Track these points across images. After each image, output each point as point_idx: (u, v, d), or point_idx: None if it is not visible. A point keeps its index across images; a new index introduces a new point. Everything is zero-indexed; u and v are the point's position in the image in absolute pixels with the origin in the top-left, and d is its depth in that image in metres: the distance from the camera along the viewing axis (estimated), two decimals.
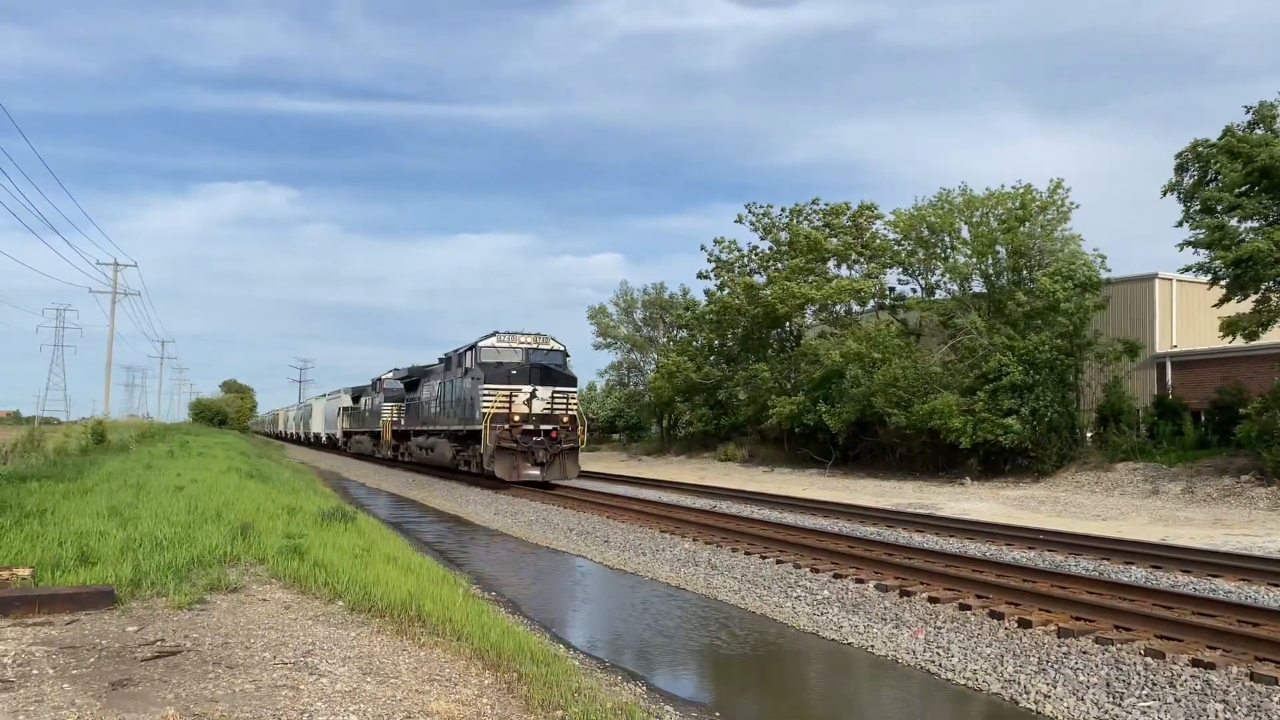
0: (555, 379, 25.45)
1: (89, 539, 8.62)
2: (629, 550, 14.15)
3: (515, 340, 26.44)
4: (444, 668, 5.81)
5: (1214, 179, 23.80)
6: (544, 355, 26.44)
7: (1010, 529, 16.09)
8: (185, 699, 4.72)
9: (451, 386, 29.18)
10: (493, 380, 24.91)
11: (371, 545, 11.16)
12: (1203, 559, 12.69)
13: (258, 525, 10.51)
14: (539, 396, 24.80)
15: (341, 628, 6.63)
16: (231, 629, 6.29)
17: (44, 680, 4.95)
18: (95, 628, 6.16)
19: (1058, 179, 31.07)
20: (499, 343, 26.33)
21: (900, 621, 9.02)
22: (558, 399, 25.15)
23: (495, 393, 24.61)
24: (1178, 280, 31.68)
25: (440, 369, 31.65)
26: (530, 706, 5.28)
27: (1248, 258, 21.97)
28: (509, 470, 24.19)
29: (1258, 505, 20.80)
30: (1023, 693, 6.86)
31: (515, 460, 24.30)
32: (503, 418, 24.31)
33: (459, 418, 27.73)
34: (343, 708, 4.77)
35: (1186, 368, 31.28)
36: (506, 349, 26.22)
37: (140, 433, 39.68)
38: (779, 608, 9.90)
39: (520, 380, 24.98)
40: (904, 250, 35.44)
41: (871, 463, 33.57)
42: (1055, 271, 28.57)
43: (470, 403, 26.18)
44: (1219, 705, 6.32)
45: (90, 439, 28.96)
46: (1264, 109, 23.57)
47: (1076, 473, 26.73)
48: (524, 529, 17.64)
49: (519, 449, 24.27)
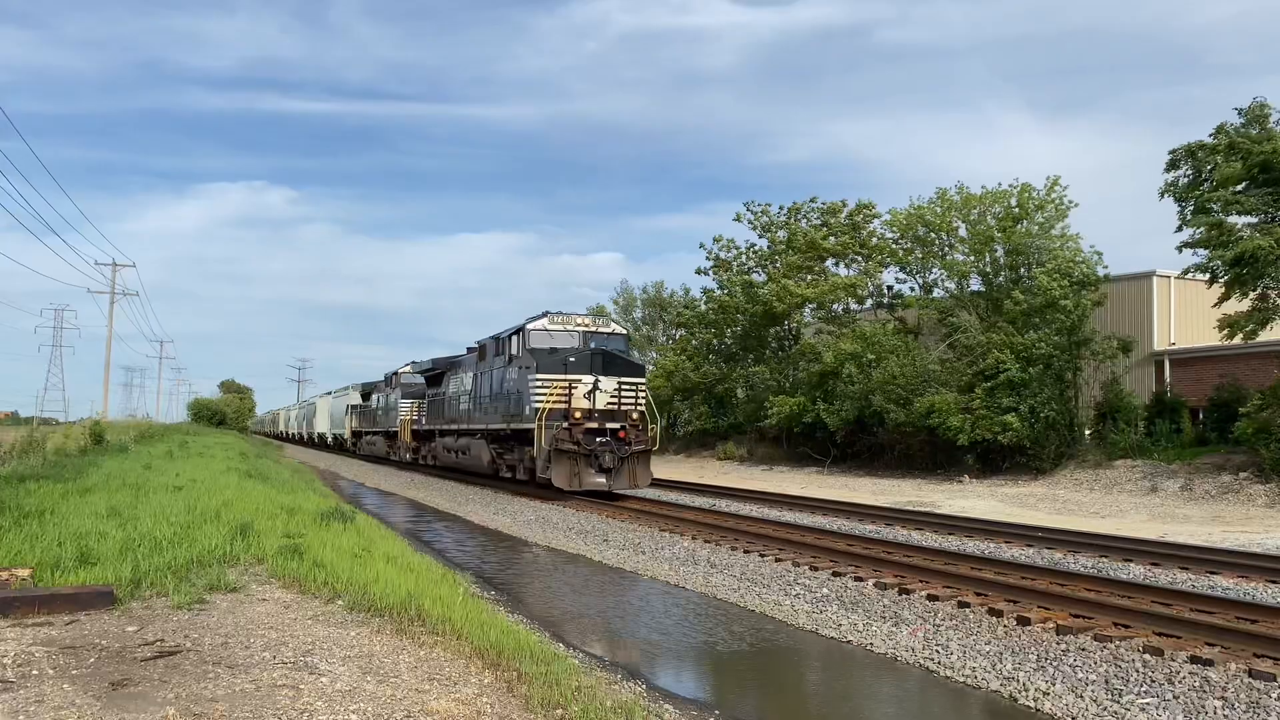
0: (621, 367, 21.43)
1: (88, 539, 8.62)
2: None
3: (570, 322, 22.48)
4: (444, 667, 5.82)
5: (1208, 179, 23.80)
6: (605, 339, 22.49)
7: (1008, 526, 16.10)
8: (185, 699, 4.73)
9: (490, 378, 25.10)
10: (547, 369, 20.89)
11: (371, 545, 11.17)
12: (1201, 556, 12.71)
13: (257, 525, 10.51)
14: (602, 388, 20.78)
15: (341, 627, 6.64)
16: (231, 629, 6.29)
17: (44, 680, 4.96)
18: (95, 628, 6.16)
19: (1054, 177, 31.08)
20: (551, 325, 22.28)
21: (899, 619, 9.03)
22: (625, 391, 21.10)
23: (550, 384, 20.64)
24: (1175, 278, 31.72)
25: (472, 359, 27.61)
26: (530, 705, 5.29)
27: (1248, 254, 21.97)
28: (569, 477, 20.12)
29: (1256, 502, 20.82)
30: (1021, 690, 6.87)
31: (576, 465, 20.20)
32: (560, 414, 20.42)
33: (502, 414, 23.52)
34: (343, 707, 4.78)
35: (1185, 365, 31.31)
36: (560, 332, 22.23)
37: (139, 433, 39.66)
38: (778, 606, 9.91)
39: (579, 369, 20.87)
40: (901, 249, 35.47)
41: (870, 461, 33.59)
42: (1053, 269, 28.59)
43: (517, 396, 22.28)
44: (1217, 702, 6.34)
45: (89, 439, 28.93)
46: (1255, 109, 23.57)
47: (1075, 470, 26.75)
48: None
49: (580, 451, 20.15)
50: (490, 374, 25.07)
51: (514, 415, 22.47)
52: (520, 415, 21.95)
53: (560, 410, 20.45)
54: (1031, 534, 15.08)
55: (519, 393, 22.11)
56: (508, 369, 23.35)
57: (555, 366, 20.96)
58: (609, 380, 20.92)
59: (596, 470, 20.21)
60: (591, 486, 20.31)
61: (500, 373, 24.03)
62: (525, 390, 21.53)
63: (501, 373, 23.93)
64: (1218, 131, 23.99)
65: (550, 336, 22.12)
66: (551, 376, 20.77)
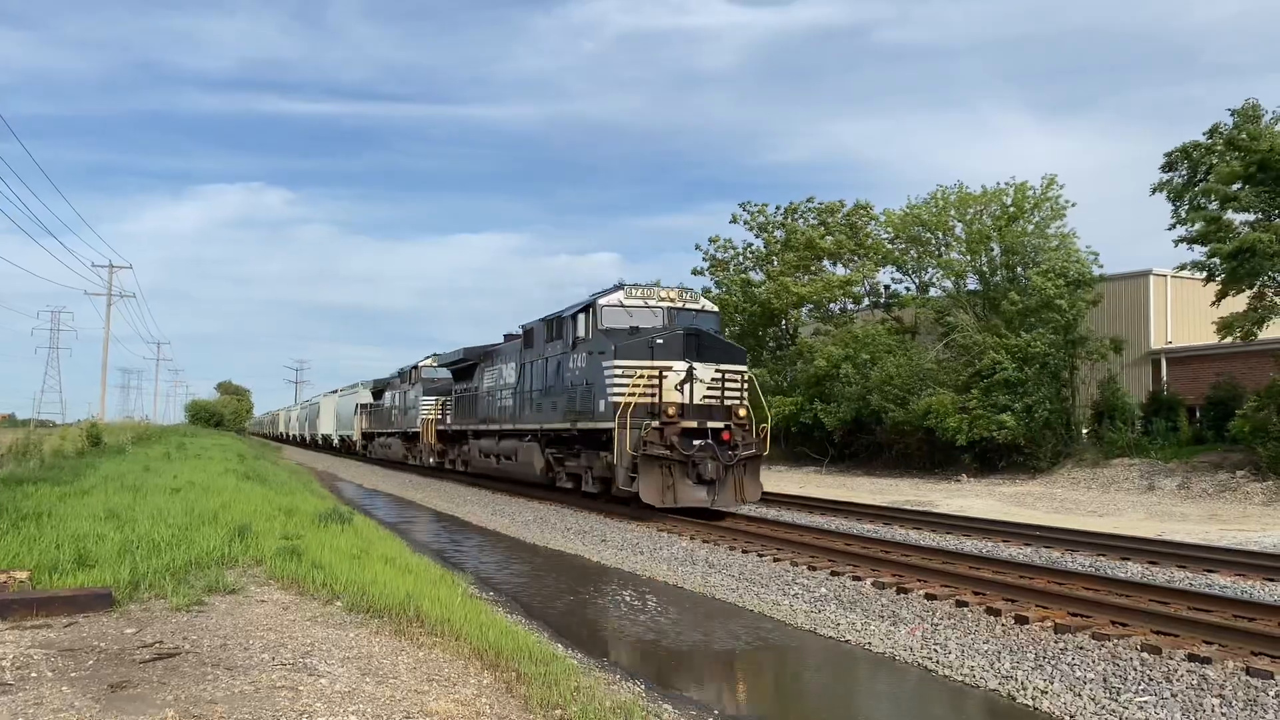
0: (720, 352, 17.35)
1: (86, 541, 8.61)
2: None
3: (651, 296, 18.38)
4: (443, 667, 5.82)
5: (1204, 178, 23.86)
6: (692, 318, 18.29)
7: (1006, 525, 16.12)
8: (184, 701, 4.73)
9: (542, 368, 20.99)
10: (628, 355, 16.86)
11: (369, 546, 11.18)
12: (1198, 554, 12.73)
13: (255, 527, 10.51)
14: (699, 378, 16.72)
15: (340, 628, 6.64)
16: (230, 630, 6.29)
17: (43, 683, 4.95)
18: (93, 630, 6.16)
19: (1051, 176, 31.10)
20: (628, 300, 18.16)
21: (897, 618, 9.04)
22: (729, 383, 17.10)
23: (633, 373, 16.55)
24: (1172, 277, 31.78)
25: (514, 347, 23.57)
26: (529, 706, 5.29)
27: (1246, 248, 22.00)
28: (660, 491, 16.03)
29: (1253, 500, 20.87)
30: (1020, 689, 6.88)
31: (669, 476, 16.15)
32: (647, 410, 16.41)
33: (562, 411, 19.28)
34: (342, 708, 4.78)
35: (1182, 364, 31.35)
36: (640, 309, 18.10)
37: (136, 435, 39.65)
38: (776, 605, 9.92)
39: (669, 354, 16.77)
40: (897, 249, 35.51)
41: (868, 460, 33.62)
42: (1048, 269, 28.63)
43: (585, 390, 18.19)
44: (1215, 700, 6.35)
45: (86, 441, 28.91)
46: (1248, 110, 23.61)
47: (1072, 469, 26.79)
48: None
49: (675, 458, 16.11)
50: (543, 363, 20.93)
51: (581, 412, 18.34)
52: (590, 412, 17.89)
53: (646, 406, 16.46)
54: (1029, 533, 15.10)
55: (588, 385, 18.06)
56: (570, 355, 19.17)
57: (639, 351, 16.88)
58: (705, 368, 16.84)
59: (695, 481, 16.19)
60: (690, 503, 16.25)
61: (558, 361, 19.89)
62: (599, 381, 17.43)
63: (560, 361, 19.77)
64: (1211, 132, 24.05)
65: (628, 314, 18.02)
66: (634, 364, 16.69)
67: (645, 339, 17.13)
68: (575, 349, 18.99)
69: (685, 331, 17.15)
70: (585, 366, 18.37)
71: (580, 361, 18.65)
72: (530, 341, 22.09)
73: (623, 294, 18.25)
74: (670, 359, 16.73)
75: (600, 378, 17.44)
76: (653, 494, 16.08)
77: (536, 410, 21.17)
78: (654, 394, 16.54)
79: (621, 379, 16.73)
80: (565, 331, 19.67)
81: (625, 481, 16.58)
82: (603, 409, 17.23)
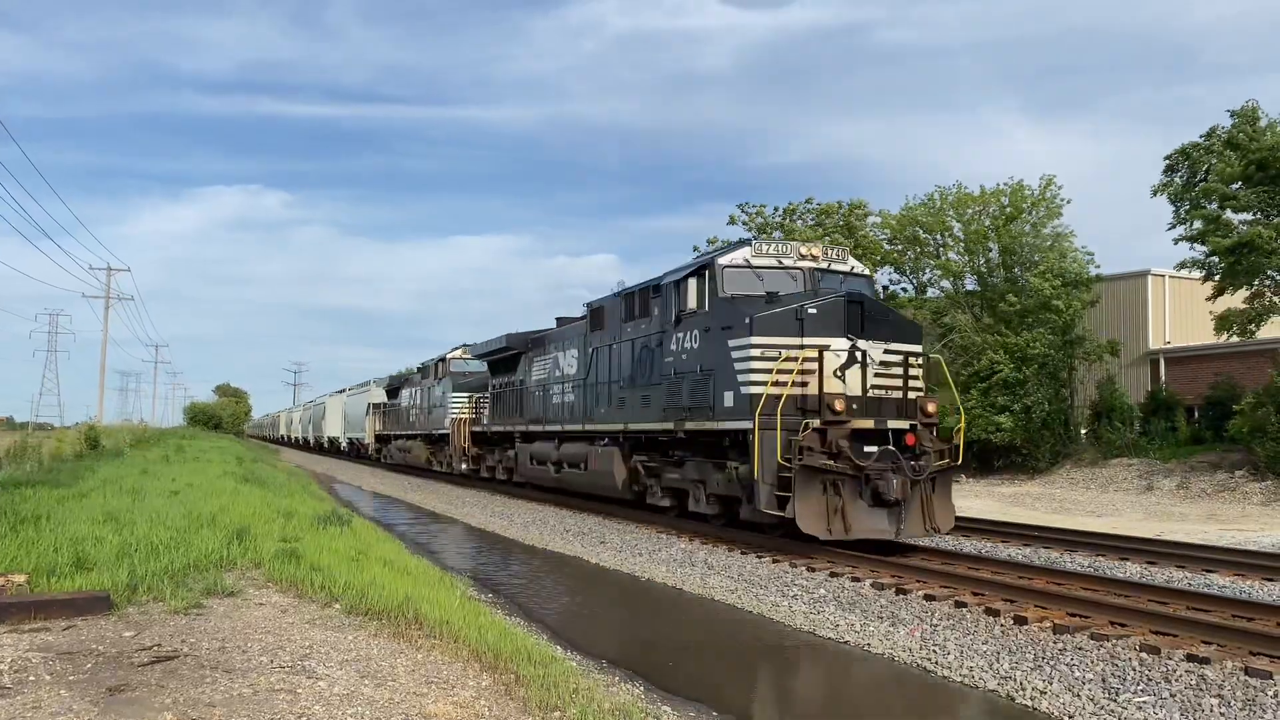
0: (890, 327, 13.15)
1: (84, 544, 8.61)
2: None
3: (788, 253, 14.07)
4: (442, 670, 5.82)
5: (1203, 179, 23.93)
6: (840, 283, 14.01)
7: (1005, 526, 16.13)
8: (183, 704, 4.72)
9: (624, 353, 16.84)
10: (768, 329, 12.69)
11: (367, 548, 11.18)
12: (1197, 554, 12.74)
13: (253, 529, 10.51)
14: (871, 357, 12.62)
15: (338, 631, 6.64)
16: (228, 633, 6.29)
17: (41, 686, 4.95)
18: (92, 633, 6.15)
19: (1049, 176, 31.15)
20: (757, 258, 13.93)
21: (896, 619, 9.04)
22: (911, 366, 13.02)
23: (777, 354, 12.44)
24: (1170, 276, 31.83)
25: (577, 331, 19.62)
26: (528, 708, 5.29)
27: (1245, 244, 22.06)
28: (824, 516, 11.76)
29: (1251, 500, 20.89)
30: (1019, 689, 6.88)
31: (837, 496, 11.86)
32: (796, 405, 12.27)
33: (663, 407, 15.03)
34: (341, 711, 4.77)
35: (1180, 363, 31.38)
36: (773, 272, 13.80)
37: (135, 438, 39.63)
38: (775, 607, 9.92)
39: (824, 328, 12.56)
40: (895, 250, 35.53)
41: None
42: (1045, 269, 28.67)
43: (701, 379, 13.92)
44: (1214, 700, 6.35)
45: (84, 444, 28.90)
46: (1248, 112, 23.67)
47: (1071, 469, 26.82)
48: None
49: (846, 472, 11.88)
50: (622, 348, 16.94)
51: (692, 409, 14.17)
52: (707, 408, 13.74)
53: (796, 400, 12.26)
54: (1028, 533, 15.11)
55: (704, 372, 13.88)
56: (672, 335, 15.00)
57: (784, 325, 12.64)
58: (874, 347, 12.66)
59: (871, 502, 11.87)
60: (867, 533, 11.91)
61: (648, 343, 15.86)
62: (724, 367, 13.33)
63: (651, 343, 15.76)
64: (1210, 134, 24.12)
65: (756, 279, 13.74)
66: (778, 342, 12.54)
67: (790, 308, 12.76)
68: (680, 325, 14.76)
69: (848, 297, 12.92)
70: (699, 348, 14.18)
71: (691, 341, 14.45)
72: (599, 322, 18.13)
73: (749, 251, 14.09)
74: (827, 335, 12.49)
75: (725, 362, 13.28)
76: (814, 521, 11.67)
77: (617, 407, 16.98)
78: (807, 383, 12.32)
79: (760, 363, 12.57)
80: (664, 304, 15.41)
81: (770, 502, 12.15)
82: (729, 404, 13.16)
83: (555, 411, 20.41)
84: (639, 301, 16.54)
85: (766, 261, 13.96)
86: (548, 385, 21.01)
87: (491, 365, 25.94)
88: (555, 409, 20.41)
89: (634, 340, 16.55)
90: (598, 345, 18.14)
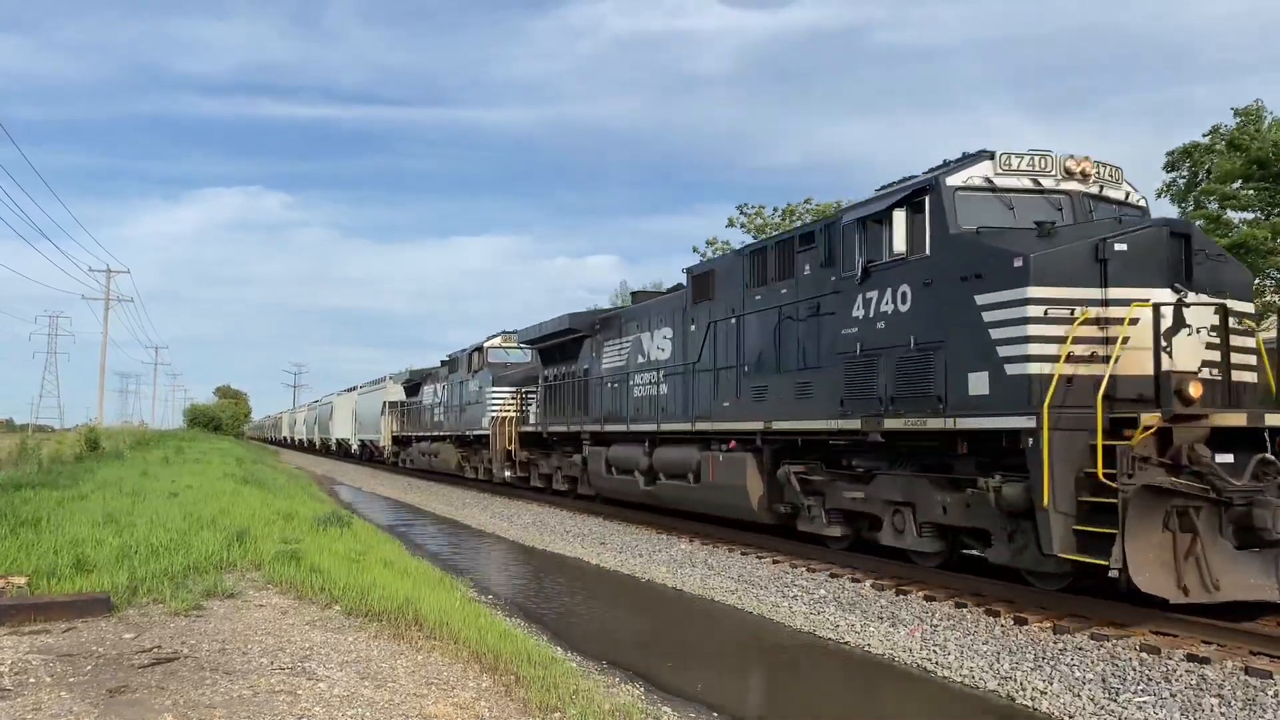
0: (1218, 273, 9.06)
1: (85, 546, 8.62)
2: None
3: (1045, 171, 9.88)
4: (441, 671, 5.82)
5: (1204, 178, 23.95)
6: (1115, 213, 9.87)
7: None
8: (183, 705, 4.73)
9: (752, 328, 13.07)
10: (1052, 276, 8.55)
11: (367, 549, 11.18)
12: None
13: (254, 531, 10.52)
14: (1206, 320, 8.49)
15: (338, 632, 6.64)
16: (228, 635, 6.29)
17: (41, 688, 4.95)
18: (92, 635, 6.16)
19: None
20: (1000, 176, 9.80)
21: (896, 620, 9.04)
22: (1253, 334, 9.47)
23: (1068, 312, 8.42)
24: None
25: (667, 306, 16.28)
26: (528, 709, 5.29)
27: (1240, 244, 22.07)
28: (1166, 567, 7.64)
29: None
30: (1019, 689, 6.88)
31: (1190, 537, 7.63)
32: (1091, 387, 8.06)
33: (838, 399, 11.00)
34: (341, 712, 4.78)
35: None
36: (1025, 197, 9.78)
37: (135, 439, 39.64)
38: (775, 608, 9.91)
39: (1140, 274, 8.48)
40: None
41: None
42: None
43: (918, 358, 9.81)
44: (1214, 700, 6.35)
45: (84, 446, 28.91)
46: (1253, 111, 23.68)
47: None
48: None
49: (1204, 494, 7.64)
50: (756, 319, 13.00)
51: (896, 399, 10.11)
52: (924, 397, 9.68)
53: (1093, 382, 8.11)
54: None
55: (922, 344, 9.76)
56: (855, 294, 10.81)
57: (1076, 269, 8.62)
58: (1209, 304, 8.63)
59: (1236, 541, 7.86)
60: (1241, 593, 7.79)
61: (804, 310, 11.89)
62: (969, 333, 9.08)
63: (808, 309, 11.79)
64: (1212, 132, 24.13)
65: (1002, 204, 9.74)
66: (1068, 295, 8.51)
67: (1086, 243, 8.71)
68: (869, 282, 10.60)
69: (1171, 228, 8.98)
70: (910, 310, 9.97)
71: (893, 302, 10.24)
72: (706, 290, 14.39)
73: (991, 166, 9.84)
74: (1144, 284, 8.49)
75: (971, 327, 9.04)
76: (1158, 572, 7.63)
77: (752, 399, 12.94)
78: (1112, 357, 8.15)
79: (1043, 326, 8.47)
80: (831, 256, 11.40)
81: (1065, 542, 8.10)
82: (980, 390, 8.93)
83: (638, 407, 16.56)
84: (775, 258, 12.73)
85: (1017, 182, 9.84)
86: (627, 374, 17.15)
87: (544, 353, 22.00)
88: (638, 404, 16.58)
89: (772, 309, 12.60)
90: (711, 319, 14.14)
